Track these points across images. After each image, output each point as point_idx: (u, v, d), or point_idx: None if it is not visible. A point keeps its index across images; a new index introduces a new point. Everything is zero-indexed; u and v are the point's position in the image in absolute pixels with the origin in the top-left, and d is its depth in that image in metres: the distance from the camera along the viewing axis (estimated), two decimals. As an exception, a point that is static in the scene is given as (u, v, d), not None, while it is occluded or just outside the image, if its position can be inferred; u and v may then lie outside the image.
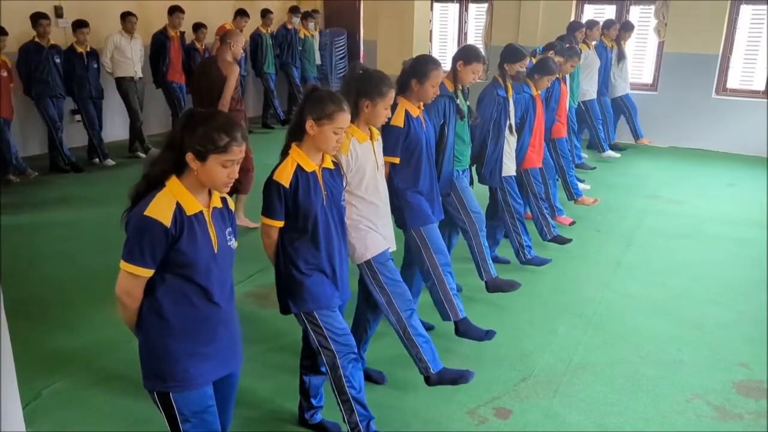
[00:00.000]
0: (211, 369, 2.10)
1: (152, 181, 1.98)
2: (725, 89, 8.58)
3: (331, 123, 2.44)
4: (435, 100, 3.61)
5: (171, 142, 1.97)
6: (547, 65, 4.75)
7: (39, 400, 3.16)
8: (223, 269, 2.08)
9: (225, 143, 1.92)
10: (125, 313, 2.04)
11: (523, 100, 4.68)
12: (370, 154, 2.91)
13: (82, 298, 4.26)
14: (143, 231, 1.90)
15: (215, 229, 2.03)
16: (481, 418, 3.07)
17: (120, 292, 1.99)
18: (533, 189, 5.00)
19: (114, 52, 7.43)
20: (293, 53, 9.65)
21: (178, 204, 1.95)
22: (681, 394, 3.28)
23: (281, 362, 3.46)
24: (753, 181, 7.28)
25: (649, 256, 5.11)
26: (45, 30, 6.70)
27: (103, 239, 5.26)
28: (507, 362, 3.54)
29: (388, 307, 2.99)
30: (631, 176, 7.43)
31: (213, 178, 1.96)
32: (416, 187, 3.32)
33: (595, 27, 7.59)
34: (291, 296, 2.60)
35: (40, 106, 6.87)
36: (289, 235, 2.55)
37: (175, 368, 2.03)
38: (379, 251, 2.95)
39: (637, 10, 9.05)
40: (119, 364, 3.49)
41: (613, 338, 3.83)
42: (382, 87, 2.83)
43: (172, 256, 1.95)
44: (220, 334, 2.10)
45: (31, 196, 6.37)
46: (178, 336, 2.02)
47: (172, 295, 2.00)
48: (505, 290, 4.18)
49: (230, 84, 5.05)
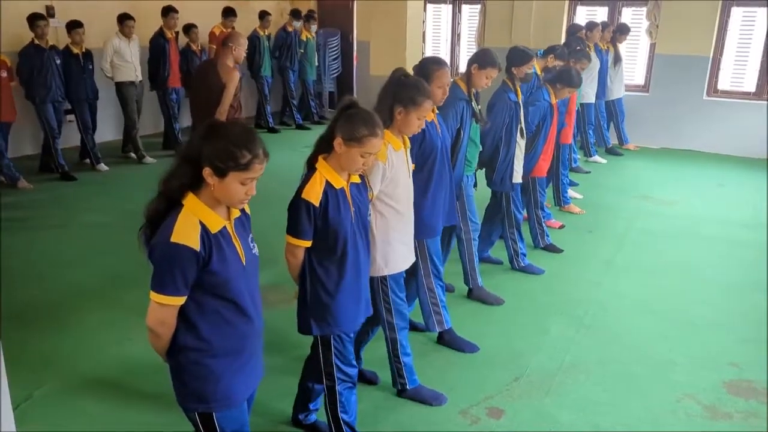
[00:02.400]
0: (249, 384, 2.07)
1: (170, 199, 1.87)
2: (716, 91, 8.64)
3: (360, 147, 2.34)
4: (453, 103, 3.58)
5: (188, 155, 1.86)
6: (571, 77, 4.69)
7: (30, 401, 3.15)
8: (252, 280, 2.02)
9: (247, 161, 1.82)
10: (159, 341, 1.94)
11: (542, 108, 4.62)
12: (403, 163, 2.85)
13: (72, 300, 4.24)
14: (173, 259, 1.80)
15: (240, 240, 1.96)
16: (473, 418, 3.08)
17: (153, 323, 1.89)
18: (537, 197, 5.01)
19: (114, 57, 7.34)
20: (292, 56, 9.60)
21: (202, 223, 1.85)
22: (672, 394, 3.30)
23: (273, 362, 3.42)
24: (743, 181, 7.33)
25: (641, 256, 5.14)
26: (43, 31, 6.60)
27: (94, 241, 5.26)
28: (499, 362, 3.55)
29: (387, 321, 3.03)
30: (622, 177, 7.47)
31: (230, 195, 1.87)
32: (427, 193, 3.22)
33: (595, 29, 7.63)
34: (315, 318, 2.51)
35: (40, 112, 6.76)
36: (318, 254, 2.45)
37: (218, 388, 1.97)
38: (397, 270, 2.92)
39: (629, 12, 9.09)
40: (109, 366, 3.49)
41: (604, 338, 3.85)
42: (417, 96, 2.76)
43: (203, 278, 1.86)
44: (255, 348, 2.06)
45: (20, 197, 6.33)
46: (218, 355, 1.95)
47: (207, 315, 1.92)
48: (487, 302, 4.20)
49: (229, 92, 4.76)
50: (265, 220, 3.32)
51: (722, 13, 8.34)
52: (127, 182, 6.91)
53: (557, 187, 6.02)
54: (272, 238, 3.45)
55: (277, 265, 2.94)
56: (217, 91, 4.76)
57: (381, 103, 2.83)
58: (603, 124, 8.34)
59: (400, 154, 2.83)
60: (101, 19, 7.68)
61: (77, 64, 6.97)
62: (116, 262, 4.71)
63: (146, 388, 3.25)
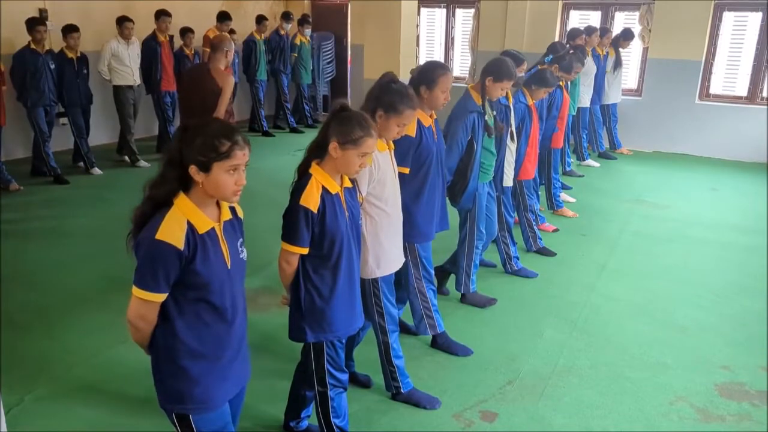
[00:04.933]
0: (229, 388, 2.06)
1: (158, 203, 1.88)
2: (708, 95, 8.69)
3: (356, 148, 2.33)
4: (464, 115, 3.56)
5: (170, 159, 1.88)
6: (544, 77, 4.69)
7: (21, 406, 3.12)
8: (236, 284, 2.02)
9: (227, 148, 1.84)
10: (139, 335, 1.96)
11: (520, 110, 4.61)
12: (389, 165, 2.85)
13: (64, 303, 4.22)
14: (155, 256, 1.82)
15: (227, 243, 1.96)
16: (467, 421, 3.08)
17: (133, 317, 1.91)
18: (525, 201, 5.02)
19: (111, 60, 7.30)
20: (284, 60, 9.60)
21: (189, 223, 1.86)
22: (664, 397, 3.31)
23: (263, 366, 3.42)
24: (736, 185, 7.37)
25: (634, 259, 5.15)
26: (42, 36, 6.56)
27: (85, 245, 5.23)
28: (493, 366, 3.56)
29: (378, 324, 3.02)
30: (615, 181, 7.50)
31: (220, 187, 1.87)
32: (421, 198, 3.21)
33: (594, 33, 7.62)
34: (310, 324, 2.48)
35: (31, 115, 6.73)
36: (313, 261, 2.42)
37: (195, 390, 1.96)
38: (388, 272, 2.92)
39: (622, 16, 9.15)
40: (101, 370, 3.47)
41: (597, 341, 3.85)
42: (399, 104, 2.74)
43: (185, 277, 1.87)
44: (235, 351, 2.04)
45: (12, 200, 6.31)
46: (194, 357, 1.95)
47: (185, 315, 1.93)
48: (480, 306, 4.20)
49: (226, 96, 4.78)
50: (258, 223, 3.32)
51: (714, 17, 8.40)
52: (120, 186, 6.88)
53: (549, 190, 6.07)
54: (265, 242, 3.45)
55: (270, 268, 2.95)
56: (213, 95, 4.75)
57: (365, 105, 2.83)
58: (598, 129, 8.37)
59: (385, 155, 2.83)
60: (94, 22, 7.65)
61: (71, 68, 6.92)
62: (108, 266, 4.69)
63: (138, 391, 3.22)
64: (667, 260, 5.14)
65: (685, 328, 4.05)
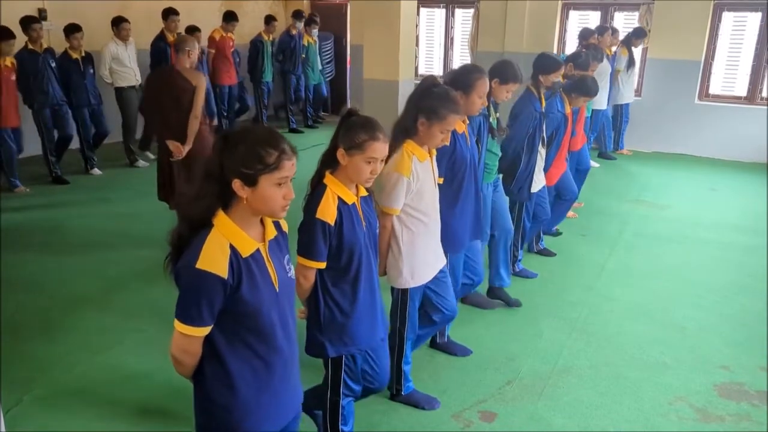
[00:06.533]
0: (280, 418, 1.91)
1: (196, 224, 1.72)
2: (707, 95, 8.69)
3: (362, 153, 2.22)
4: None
5: (209, 172, 1.70)
6: (588, 87, 4.56)
7: (20, 406, 3.12)
8: (286, 306, 1.86)
9: (275, 159, 1.67)
10: (183, 369, 1.81)
11: (556, 119, 4.47)
12: (429, 173, 2.77)
13: (63, 304, 4.21)
14: (198, 288, 1.66)
15: (274, 264, 1.80)
16: (466, 421, 3.08)
17: (177, 352, 1.76)
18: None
19: (112, 63, 7.26)
20: (295, 61, 9.52)
21: (232, 247, 1.69)
22: (664, 397, 3.31)
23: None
24: (735, 185, 7.37)
25: (633, 260, 5.15)
26: (38, 34, 6.51)
27: (85, 245, 5.22)
28: (492, 366, 3.56)
29: (399, 332, 3.00)
30: (615, 181, 7.50)
31: (268, 202, 1.70)
32: (455, 208, 3.11)
33: (606, 33, 7.58)
34: (331, 339, 2.38)
35: (38, 117, 6.68)
36: (331, 274, 2.33)
37: (246, 424, 1.82)
38: (422, 282, 2.88)
39: (621, 17, 9.15)
40: (99, 370, 3.47)
41: (597, 341, 3.85)
42: (441, 109, 2.65)
43: (231, 307, 1.71)
44: (286, 379, 1.89)
45: (12, 200, 6.30)
46: (246, 389, 1.80)
47: (235, 347, 1.77)
48: (480, 307, 4.20)
49: (201, 94, 4.77)
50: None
51: (714, 17, 8.40)
52: (120, 186, 6.88)
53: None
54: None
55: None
56: (186, 93, 4.74)
57: (406, 112, 2.75)
58: (606, 130, 8.35)
59: (425, 164, 2.75)
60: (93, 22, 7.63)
61: (77, 69, 6.86)
62: (107, 267, 4.69)
63: (136, 393, 3.23)
64: (666, 260, 5.14)
65: (684, 328, 4.05)
